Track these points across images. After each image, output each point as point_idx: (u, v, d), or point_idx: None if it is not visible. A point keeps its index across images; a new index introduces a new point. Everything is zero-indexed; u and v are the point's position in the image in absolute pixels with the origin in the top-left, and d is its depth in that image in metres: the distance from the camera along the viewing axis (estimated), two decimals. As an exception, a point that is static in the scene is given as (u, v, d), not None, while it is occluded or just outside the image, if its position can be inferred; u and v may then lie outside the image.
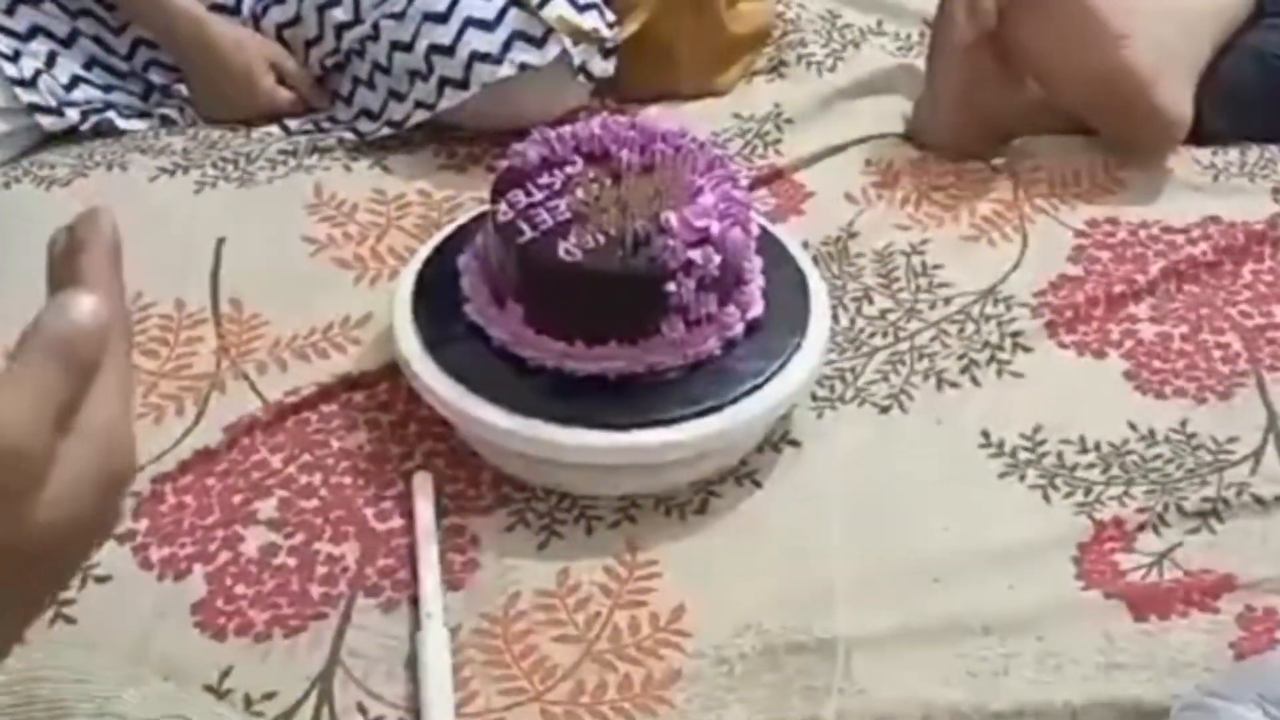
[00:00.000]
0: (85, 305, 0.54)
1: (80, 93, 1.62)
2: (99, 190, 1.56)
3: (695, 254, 1.22)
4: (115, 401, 0.56)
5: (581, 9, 1.58)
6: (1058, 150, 1.60)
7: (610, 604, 1.19)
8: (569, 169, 1.29)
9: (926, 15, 1.70)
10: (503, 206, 1.26)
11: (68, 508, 0.54)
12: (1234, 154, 1.61)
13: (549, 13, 1.55)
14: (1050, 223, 1.53)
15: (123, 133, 1.64)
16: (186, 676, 1.13)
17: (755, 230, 1.30)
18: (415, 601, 1.18)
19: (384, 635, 1.17)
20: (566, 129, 1.32)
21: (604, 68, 1.60)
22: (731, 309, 1.26)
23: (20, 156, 1.61)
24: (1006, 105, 1.60)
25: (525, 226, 1.24)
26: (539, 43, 1.55)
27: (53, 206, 1.54)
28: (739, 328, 1.27)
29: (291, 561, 1.22)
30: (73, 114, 1.61)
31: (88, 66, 1.64)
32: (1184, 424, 1.32)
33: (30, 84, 1.58)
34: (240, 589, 1.20)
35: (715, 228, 1.23)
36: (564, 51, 1.56)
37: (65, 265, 0.58)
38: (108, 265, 0.58)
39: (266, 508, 1.26)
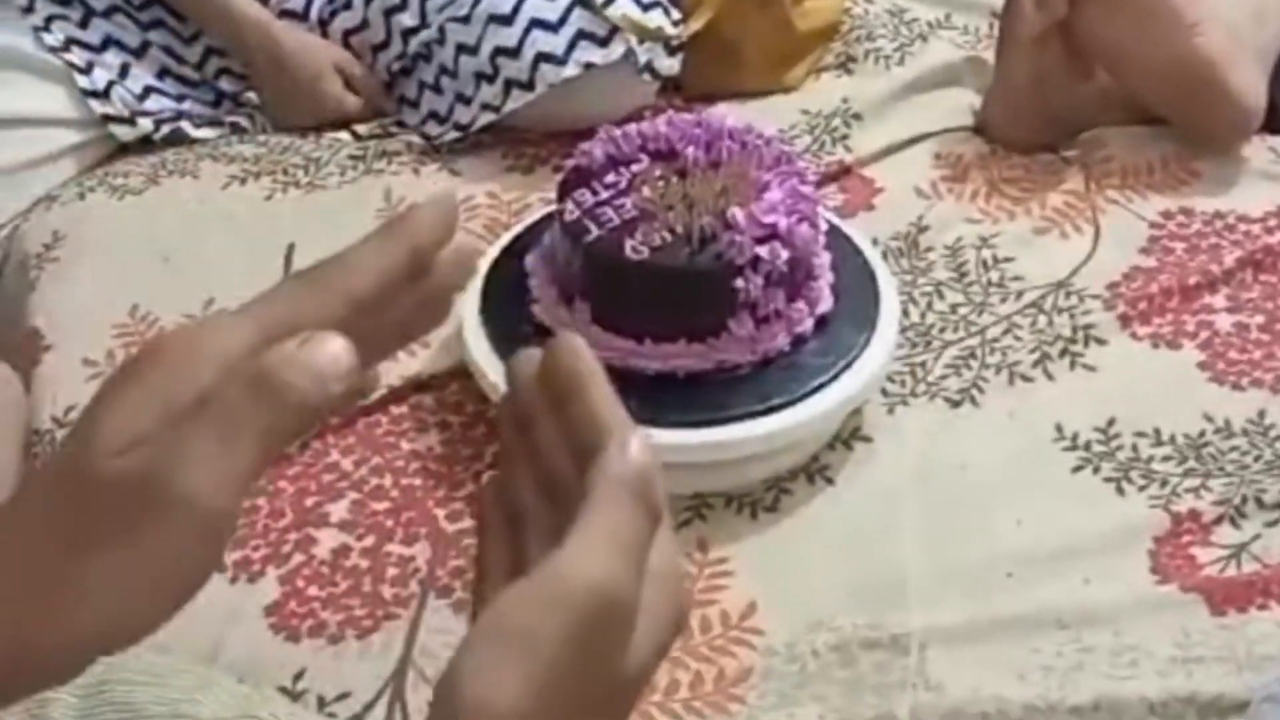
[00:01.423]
0: (638, 446, 0.54)
1: (153, 102, 1.64)
2: (173, 199, 1.58)
3: (763, 250, 1.21)
4: (670, 540, 0.56)
5: (646, 7, 1.58)
6: (1130, 141, 1.58)
7: (682, 602, 1.18)
8: (635, 167, 1.29)
9: (995, 7, 1.69)
10: (569, 205, 1.26)
11: (648, 656, 0.54)
12: (1309, 142, 1.59)
13: (614, 12, 1.55)
14: (1123, 214, 1.51)
15: (194, 141, 1.65)
16: (260, 678, 1.13)
17: (823, 225, 1.29)
18: (486, 601, 1.18)
19: (456, 636, 1.16)
20: (632, 127, 1.32)
21: (669, 65, 1.60)
22: (800, 305, 1.26)
23: (94, 167, 1.63)
24: (1077, 97, 1.58)
25: (591, 225, 1.24)
26: (604, 42, 1.55)
27: (127, 215, 1.56)
28: (808, 323, 1.27)
29: (364, 563, 1.23)
30: (146, 123, 1.62)
31: (160, 76, 1.66)
32: (1261, 415, 1.30)
33: (104, 95, 1.60)
34: (313, 590, 1.21)
35: (782, 223, 1.22)
36: (629, 50, 1.56)
37: (575, 401, 0.57)
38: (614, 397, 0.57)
39: (338, 510, 1.27)
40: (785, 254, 1.22)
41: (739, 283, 1.21)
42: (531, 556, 0.56)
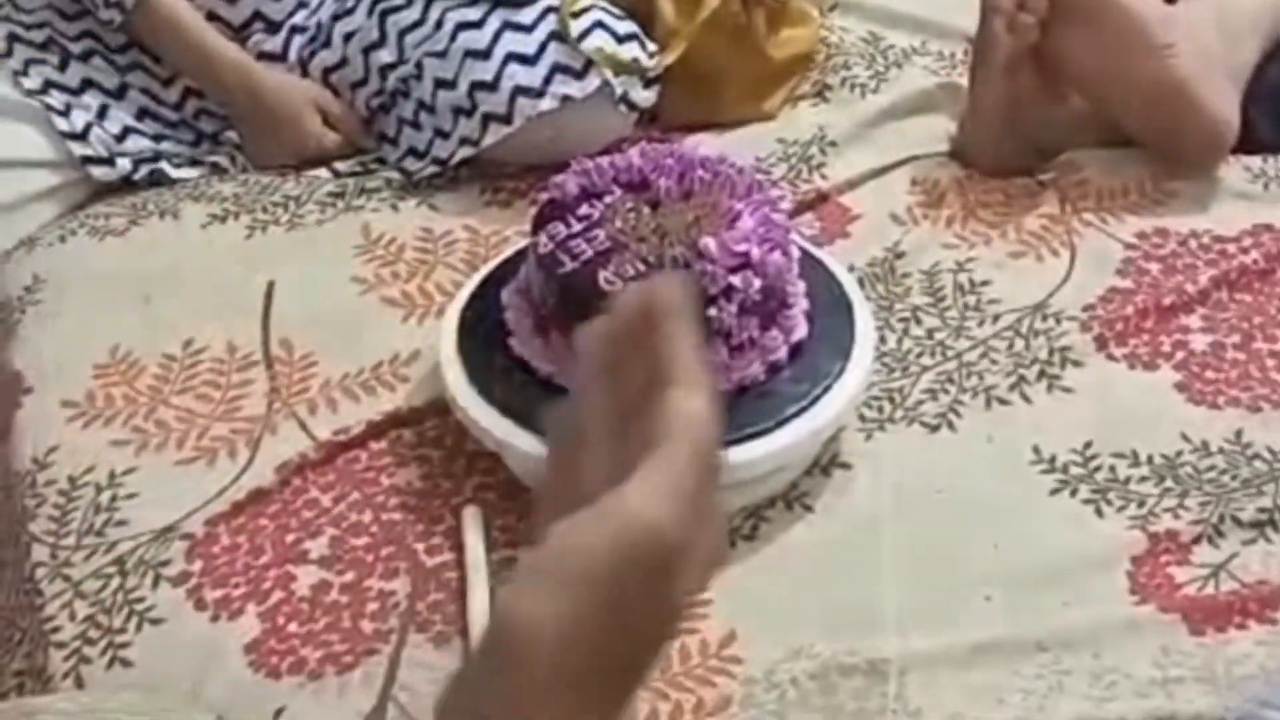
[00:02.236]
0: (706, 399, 0.58)
1: (131, 143, 1.64)
2: (153, 239, 1.58)
3: (735, 279, 1.22)
4: (716, 485, 0.58)
5: (621, 40, 1.59)
6: (1104, 163, 1.59)
7: (661, 632, 1.18)
8: (608, 198, 1.29)
9: (969, 33, 1.69)
10: (543, 238, 1.27)
11: (687, 595, 0.57)
12: (1285, 160, 1.59)
13: (589, 45, 1.56)
14: (1098, 236, 1.51)
15: (174, 181, 1.66)
16: (241, 716, 1.14)
17: (796, 253, 1.30)
18: (466, 635, 1.19)
19: (436, 670, 1.17)
20: (605, 159, 1.32)
21: (646, 97, 1.61)
22: (775, 333, 1.26)
23: (75, 209, 1.64)
24: (1051, 120, 1.59)
25: (565, 257, 1.25)
26: (580, 75, 1.56)
27: (108, 257, 1.57)
28: (783, 351, 1.27)
29: (343, 599, 1.23)
30: (124, 164, 1.63)
31: (139, 117, 1.67)
32: (1238, 434, 1.31)
33: (82, 137, 1.61)
34: (293, 627, 1.21)
35: (755, 252, 1.23)
36: (605, 83, 1.56)
37: (662, 338, 0.59)
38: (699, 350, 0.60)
39: (318, 546, 1.27)
40: (758, 282, 1.22)
41: (712, 312, 1.21)
42: (589, 487, 0.58)
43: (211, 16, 1.68)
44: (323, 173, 1.67)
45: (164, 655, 1.20)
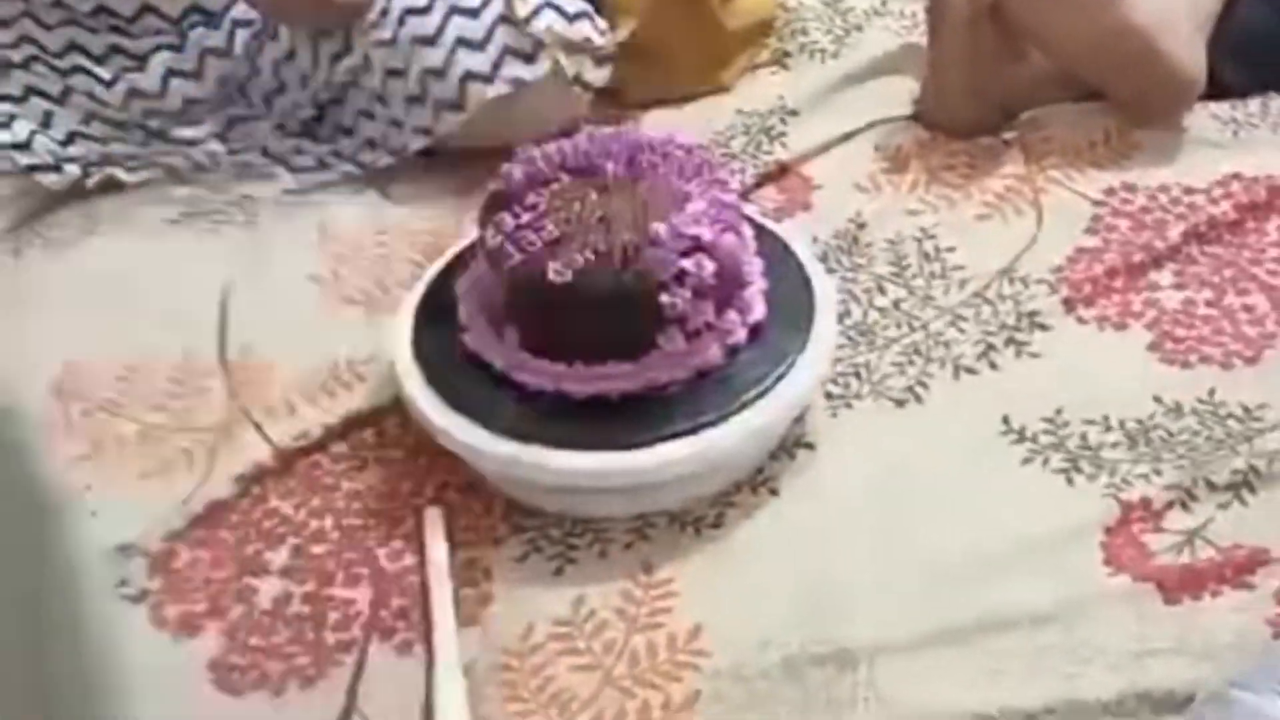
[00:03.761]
0: None
1: (77, 148, 1.61)
2: (107, 247, 1.55)
3: (687, 263, 1.19)
4: None
5: (571, 19, 1.55)
6: (1069, 118, 1.56)
7: (627, 628, 1.16)
8: (555, 186, 1.27)
9: (931, -9, 1.67)
10: (490, 231, 1.24)
11: None
12: (1254, 106, 1.56)
13: (538, 26, 1.53)
14: (1065, 194, 1.49)
15: (127, 186, 1.63)
16: (204, 736, 1.12)
17: (749, 232, 1.27)
18: (430, 641, 1.17)
19: (399, 678, 1.15)
20: (551, 145, 1.29)
21: (599, 76, 1.58)
22: (732, 315, 1.24)
23: (28, 219, 1.61)
24: (1013, 79, 1.56)
25: (513, 250, 1.22)
26: (530, 57, 1.53)
27: (61, 266, 1.54)
28: (741, 334, 1.24)
29: (305, 609, 1.21)
30: (72, 169, 1.60)
31: (85, 121, 1.64)
32: (1211, 393, 1.28)
33: (25, 146, 1.58)
34: (255, 641, 1.19)
35: (706, 234, 1.20)
36: (557, 64, 1.53)
37: None
38: None
39: (279, 557, 1.25)
40: (711, 266, 1.20)
41: (665, 298, 1.19)
42: None
43: (146, 9, 1.64)
44: (279, 170, 1.64)
45: (128, 677, 1.18)
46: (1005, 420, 1.28)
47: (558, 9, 1.55)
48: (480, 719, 1.12)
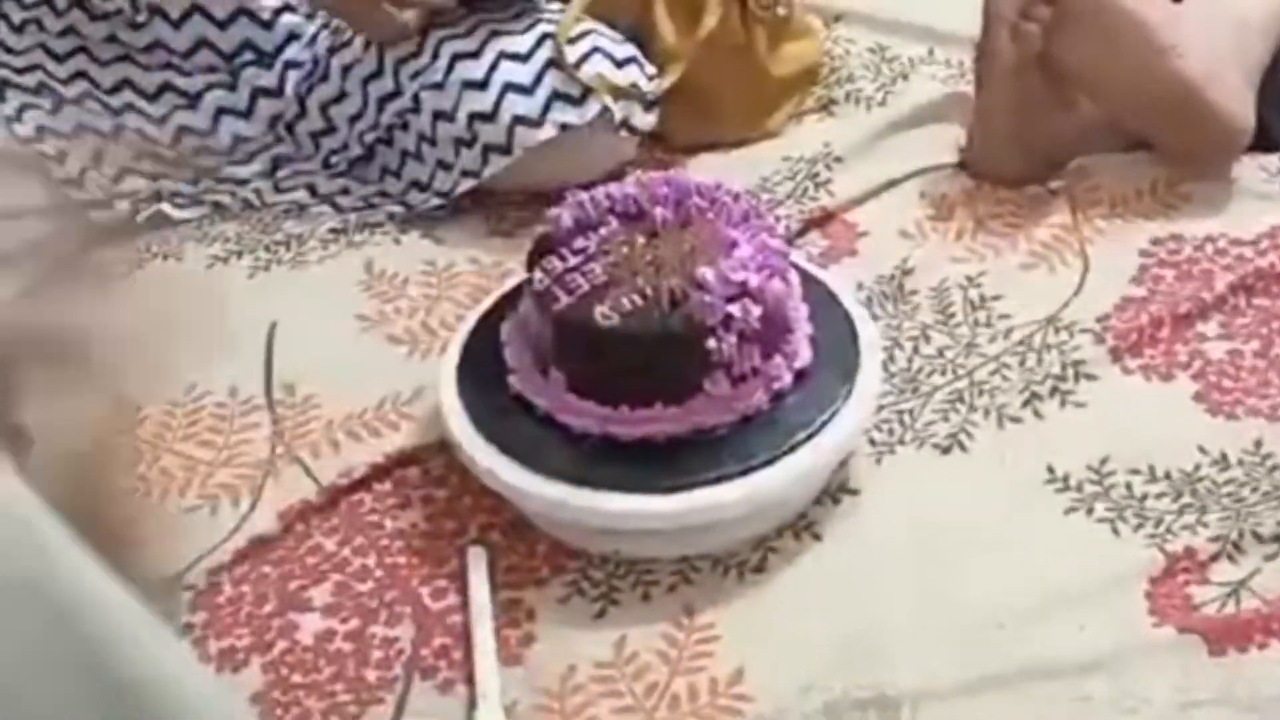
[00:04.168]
0: None
1: (128, 184, 1.63)
2: (155, 282, 1.57)
3: (734, 308, 1.19)
4: None
5: (620, 64, 1.57)
6: (1117, 168, 1.56)
7: (669, 671, 1.16)
8: (603, 230, 1.27)
9: (977, 38, 1.67)
10: (538, 274, 1.25)
11: None
12: (1302, 158, 1.56)
13: (587, 71, 1.54)
14: (1111, 244, 1.48)
15: (176, 222, 1.65)
16: (245, 772, 1.12)
17: (796, 278, 1.27)
18: (472, 681, 1.17)
19: (441, 717, 1.15)
20: (600, 190, 1.30)
21: (647, 121, 1.59)
22: (778, 360, 1.24)
23: (75, 255, 1.62)
24: (1061, 128, 1.56)
25: (561, 293, 1.23)
26: (578, 102, 1.54)
27: (109, 303, 1.55)
28: (787, 379, 1.24)
29: (347, 647, 1.21)
30: (123, 206, 1.62)
31: (136, 158, 1.65)
32: (1258, 444, 1.27)
33: (77, 182, 1.60)
34: (297, 678, 1.19)
35: (753, 280, 1.21)
36: (604, 108, 1.54)
37: None
38: None
39: (322, 593, 1.25)
40: (757, 311, 1.20)
41: (711, 343, 1.19)
42: None
43: (203, 43, 1.66)
44: (325, 209, 1.65)
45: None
46: (1049, 469, 1.28)
47: (606, 54, 1.56)
48: (521, 759, 1.12)
